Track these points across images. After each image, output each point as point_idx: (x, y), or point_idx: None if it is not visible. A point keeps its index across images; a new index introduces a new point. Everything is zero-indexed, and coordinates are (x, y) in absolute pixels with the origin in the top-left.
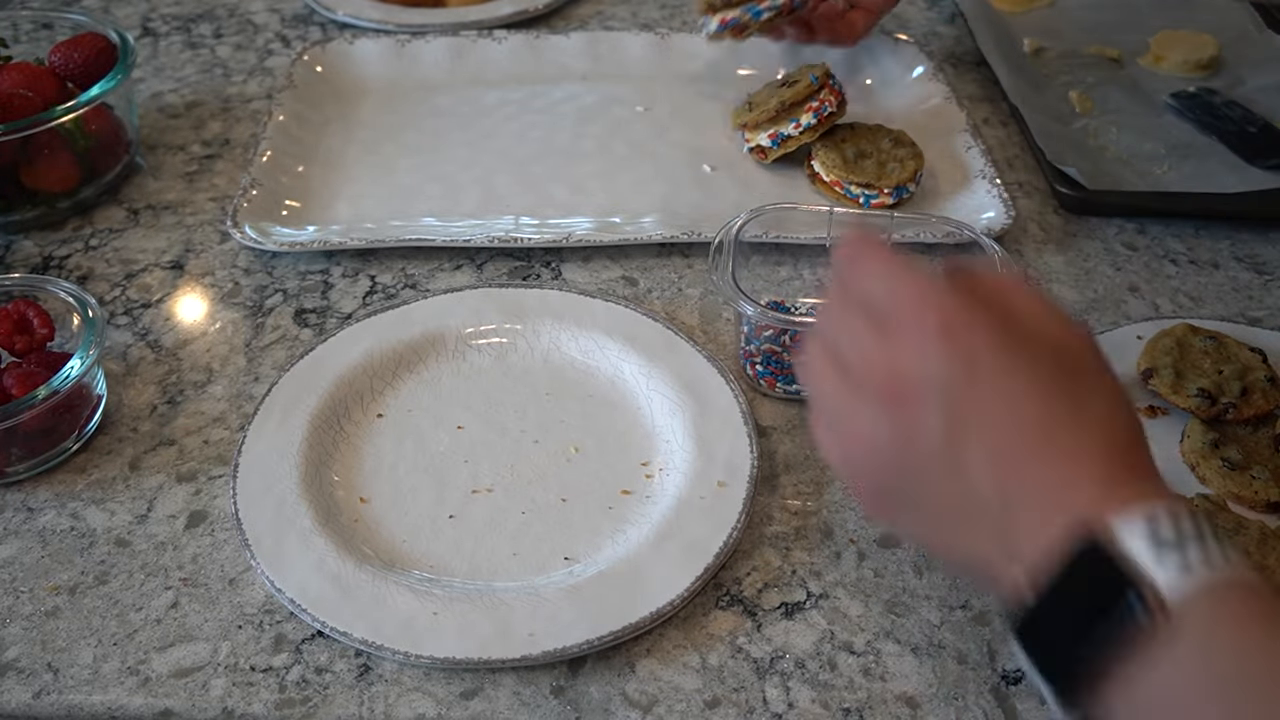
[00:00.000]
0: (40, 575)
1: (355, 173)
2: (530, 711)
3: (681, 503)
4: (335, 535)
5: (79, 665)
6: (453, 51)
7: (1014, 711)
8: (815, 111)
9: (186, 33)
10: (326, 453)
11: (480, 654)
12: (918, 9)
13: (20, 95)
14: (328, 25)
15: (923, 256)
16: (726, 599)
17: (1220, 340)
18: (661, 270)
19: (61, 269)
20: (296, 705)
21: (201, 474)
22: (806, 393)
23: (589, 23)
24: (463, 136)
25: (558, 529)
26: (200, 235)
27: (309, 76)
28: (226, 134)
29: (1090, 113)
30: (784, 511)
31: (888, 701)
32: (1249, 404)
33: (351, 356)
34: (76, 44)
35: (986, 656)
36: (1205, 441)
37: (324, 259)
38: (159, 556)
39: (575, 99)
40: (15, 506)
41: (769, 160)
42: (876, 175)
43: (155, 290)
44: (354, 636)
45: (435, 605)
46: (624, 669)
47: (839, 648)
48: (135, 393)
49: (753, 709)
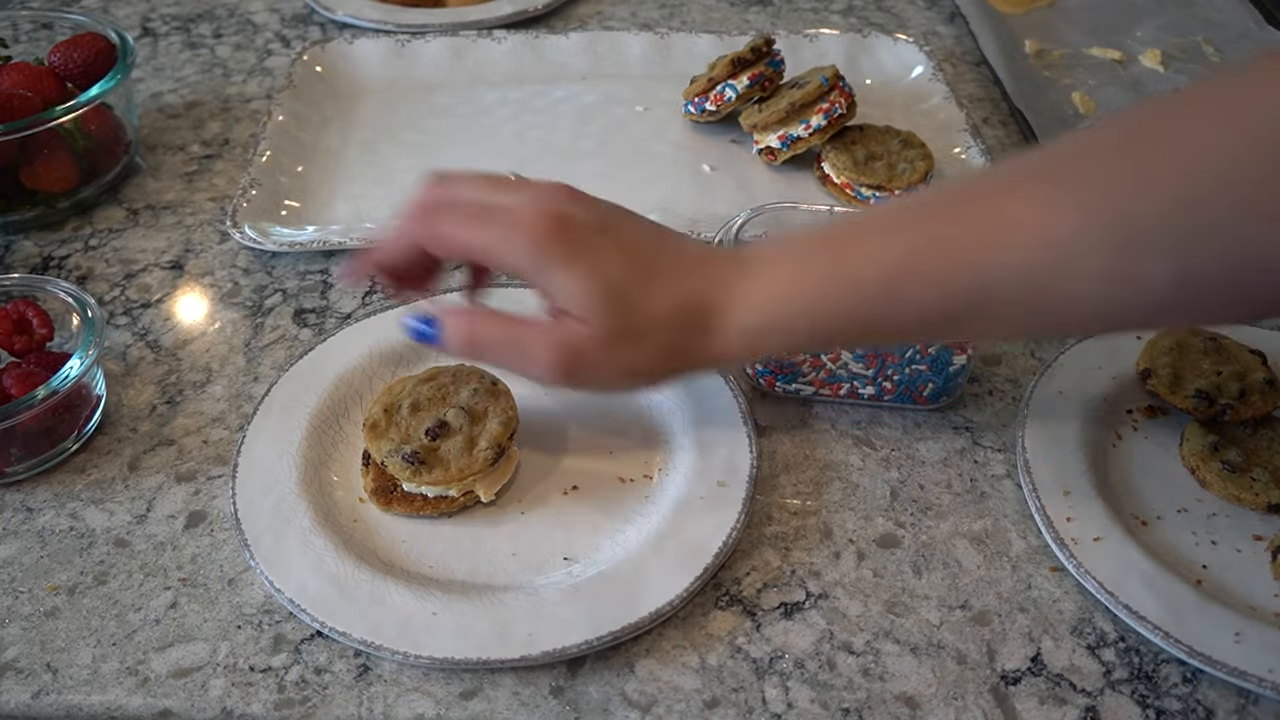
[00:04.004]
0: (39, 575)
1: (355, 172)
2: (529, 712)
3: (681, 503)
4: (334, 535)
5: (78, 665)
6: (452, 51)
7: (1014, 712)
8: (825, 113)
9: (186, 33)
10: (326, 453)
11: (479, 654)
12: (918, 9)
13: (20, 95)
14: (327, 25)
15: None
16: (726, 599)
17: (1219, 341)
18: None
19: (61, 269)
20: (295, 705)
21: (201, 474)
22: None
23: (588, 23)
24: (462, 136)
25: (557, 529)
26: (200, 235)
27: (308, 76)
28: (226, 134)
29: (1093, 114)
30: (783, 511)
31: (887, 701)
32: (1247, 405)
33: (351, 356)
34: (76, 44)
35: (986, 656)
36: (1205, 444)
37: (323, 259)
38: (158, 557)
39: (575, 99)
40: (14, 506)
41: (779, 161)
42: (887, 177)
43: (155, 290)
44: (353, 636)
45: (434, 605)
46: (623, 669)
47: (838, 648)
48: (135, 393)
49: (752, 709)
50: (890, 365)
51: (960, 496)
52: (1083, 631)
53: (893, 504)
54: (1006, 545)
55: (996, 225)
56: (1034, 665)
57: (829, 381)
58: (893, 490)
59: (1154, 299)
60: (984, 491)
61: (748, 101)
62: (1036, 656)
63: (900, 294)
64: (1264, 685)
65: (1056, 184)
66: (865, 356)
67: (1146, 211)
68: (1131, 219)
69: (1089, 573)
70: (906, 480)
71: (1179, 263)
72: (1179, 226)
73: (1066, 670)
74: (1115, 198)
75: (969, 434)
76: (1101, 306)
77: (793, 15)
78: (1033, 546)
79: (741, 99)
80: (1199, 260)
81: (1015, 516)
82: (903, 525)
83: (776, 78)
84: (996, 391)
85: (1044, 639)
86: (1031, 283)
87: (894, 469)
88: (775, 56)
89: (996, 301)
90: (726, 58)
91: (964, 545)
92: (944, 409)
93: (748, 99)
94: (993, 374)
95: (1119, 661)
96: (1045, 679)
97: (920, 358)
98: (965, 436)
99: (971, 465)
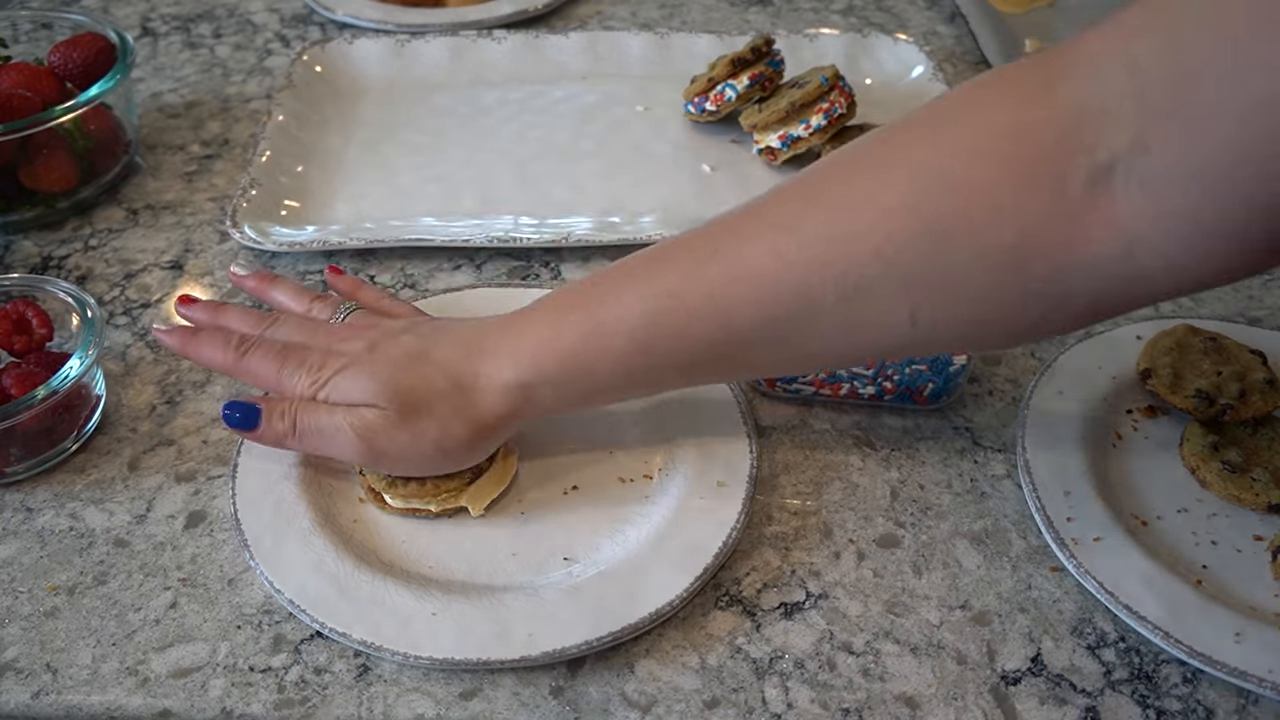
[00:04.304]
0: (39, 575)
1: (354, 173)
2: (529, 712)
3: (681, 503)
4: (334, 535)
5: (78, 665)
6: (452, 51)
7: (1013, 712)
8: (825, 113)
9: (186, 33)
10: None
11: (479, 654)
12: (918, 9)
13: (19, 95)
14: (327, 25)
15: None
16: (726, 599)
17: (1219, 341)
18: None
19: (61, 269)
20: (295, 705)
21: (200, 474)
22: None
23: (589, 23)
24: (462, 136)
25: (557, 529)
26: (199, 235)
27: (308, 76)
28: (226, 134)
29: None
30: (783, 511)
31: (887, 702)
32: (1247, 405)
33: None
34: (76, 44)
35: (986, 656)
36: (1205, 444)
37: (323, 259)
38: (158, 557)
39: (574, 99)
40: (14, 507)
41: (779, 162)
42: None
43: (154, 290)
44: (353, 637)
45: (434, 605)
46: (623, 669)
47: (838, 648)
48: (134, 393)
49: (752, 709)
50: (890, 365)
51: (960, 496)
52: (1083, 632)
53: (893, 504)
54: (1006, 545)
55: (731, 281)
56: (1034, 665)
57: (829, 381)
58: (893, 490)
59: (893, 336)
60: (984, 491)
61: (748, 101)
62: (1036, 657)
63: (648, 347)
64: (1264, 685)
65: (785, 236)
66: None
67: (864, 256)
68: (854, 269)
69: (1089, 573)
70: (906, 480)
71: (908, 305)
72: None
73: (1066, 670)
74: (836, 252)
75: (969, 434)
76: (844, 339)
77: (793, 15)
78: (1033, 546)
79: (741, 99)
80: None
81: (1015, 516)
82: (903, 525)
83: (776, 78)
84: (996, 391)
85: (1044, 639)
86: (772, 328)
87: (894, 469)
88: (775, 56)
89: (741, 347)
90: (726, 58)
91: (964, 545)
92: (944, 409)
93: (748, 99)
94: (993, 374)
95: (1119, 661)
96: (1045, 679)
97: (920, 358)
98: (965, 436)
99: (971, 465)
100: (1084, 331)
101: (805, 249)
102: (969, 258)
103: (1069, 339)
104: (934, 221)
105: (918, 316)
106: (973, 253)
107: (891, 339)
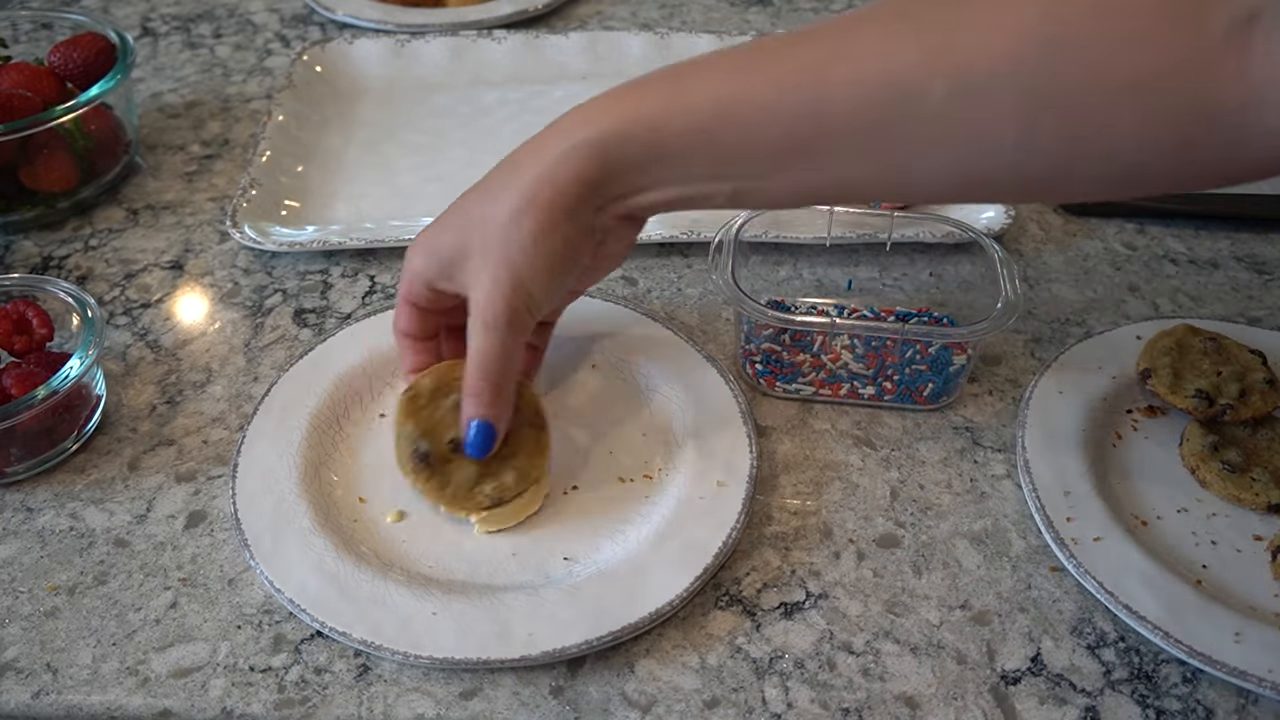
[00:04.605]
0: (39, 575)
1: (354, 173)
2: (529, 712)
3: (681, 502)
4: (334, 535)
5: (78, 665)
6: (452, 51)
7: (1013, 712)
8: None
9: (186, 33)
10: (326, 453)
11: (479, 654)
12: None
13: (19, 95)
14: (327, 25)
15: (922, 256)
16: (726, 599)
17: (1219, 341)
18: (661, 270)
19: (61, 269)
20: (295, 705)
21: (201, 474)
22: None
23: (588, 23)
24: (462, 136)
25: (557, 529)
26: (199, 235)
27: (308, 76)
28: (226, 134)
29: None
30: (783, 511)
31: (887, 701)
32: (1247, 405)
33: (351, 357)
34: (76, 44)
35: (986, 656)
36: (1205, 444)
37: (323, 259)
38: (158, 556)
39: (575, 99)
40: (14, 507)
41: None
42: None
43: (154, 290)
44: (353, 636)
45: (434, 605)
46: (623, 669)
47: (838, 648)
48: (134, 393)
49: (752, 709)
50: (890, 365)
51: (960, 496)
52: (1083, 631)
53: (893, 504)
54: (1006, 545)
55: (832, 59)
56: (1034, 665)
57: (829, 381)
58: (893, 490)
59: (996, 159)
60: (984, 491)
61: None
62: (1036, 656)
63: (732, 116)
64: (1264, 685)
65: (901, 23)
66: (865, 356)
67: (986, 56)
68: (973, 67)
69: (1089, 573)
70: (906, 480)
71: (1020, 121)
72: (1018, 84)
73: (1066, 670)
74: (956, 42)
75: (969, 434)
76: (944, 153)
77: (793, 15)
78: (1033, 546)
79: None
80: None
81: (1015, 516)
82: (903, 525)
83: None
84: (996, 391)
85: (1044, 639)
86: (869, 116)
87: (894, 469)
88: None
89: (833, 133)
90: None
91: (964, 545)
92: (944, 409)
93: None
94: (993, 374)
95: (1119, 661)
96: (1045, 679)
97: (920, 358)
98: (965, 436)
99: (971, 465)
100: (1084, 331)
101: (923, 35)
102: (1092, 80)
103: (1069, 339)
104: (1066, 36)
105: (1027, 137)
106: (1097, 75)
107: (992, 160)
